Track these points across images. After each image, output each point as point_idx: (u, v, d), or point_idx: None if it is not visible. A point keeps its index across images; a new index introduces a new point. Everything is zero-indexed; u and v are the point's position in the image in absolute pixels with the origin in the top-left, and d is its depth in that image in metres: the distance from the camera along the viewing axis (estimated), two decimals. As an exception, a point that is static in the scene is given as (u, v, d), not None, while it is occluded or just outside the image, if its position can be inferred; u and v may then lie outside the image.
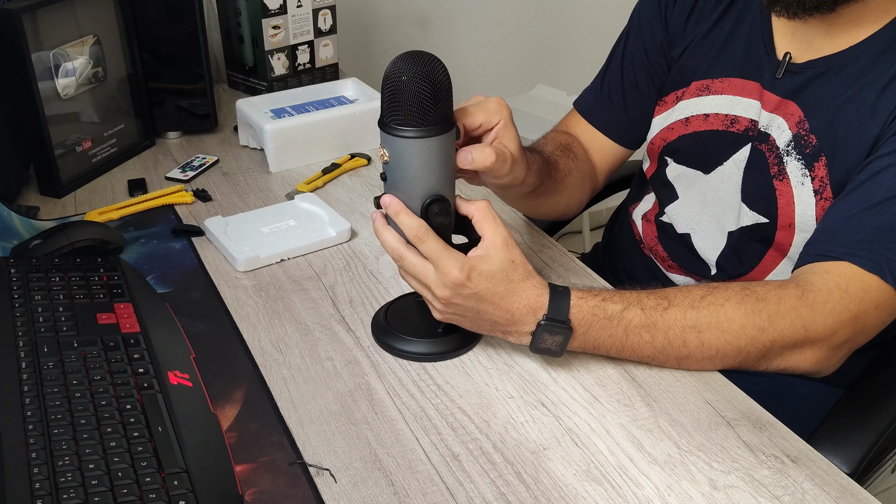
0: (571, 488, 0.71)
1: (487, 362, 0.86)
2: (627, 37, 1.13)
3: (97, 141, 1.24)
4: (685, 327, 0.81)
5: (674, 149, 1.07)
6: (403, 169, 0.78)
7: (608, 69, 1.15)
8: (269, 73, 1.47)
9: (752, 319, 0.81)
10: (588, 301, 0.80)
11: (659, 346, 0.81)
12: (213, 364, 0.84)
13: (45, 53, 1.12)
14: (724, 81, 1.01)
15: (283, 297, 0.96)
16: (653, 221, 1.14)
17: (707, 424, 0.78)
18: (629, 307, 0.80)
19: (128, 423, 0.72)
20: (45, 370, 0.76)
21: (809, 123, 0.93)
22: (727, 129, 1.01)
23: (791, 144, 0.95)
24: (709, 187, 1.04)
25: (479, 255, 0.78)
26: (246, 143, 1.33)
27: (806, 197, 0.94)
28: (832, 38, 0.92)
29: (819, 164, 0.92)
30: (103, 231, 1.03)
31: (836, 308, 0.82)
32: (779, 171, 0.96)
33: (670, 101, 1.08)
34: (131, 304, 0.89)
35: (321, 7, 1.49)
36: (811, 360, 0.84)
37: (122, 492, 0.64)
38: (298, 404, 0.80)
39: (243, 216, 1.10)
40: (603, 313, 0.80)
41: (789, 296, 0.82)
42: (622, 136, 1.14)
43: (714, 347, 0.82)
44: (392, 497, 0.70)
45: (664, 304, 0.81)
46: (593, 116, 1.14)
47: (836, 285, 0.83)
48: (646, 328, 0.80)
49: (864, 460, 0.87)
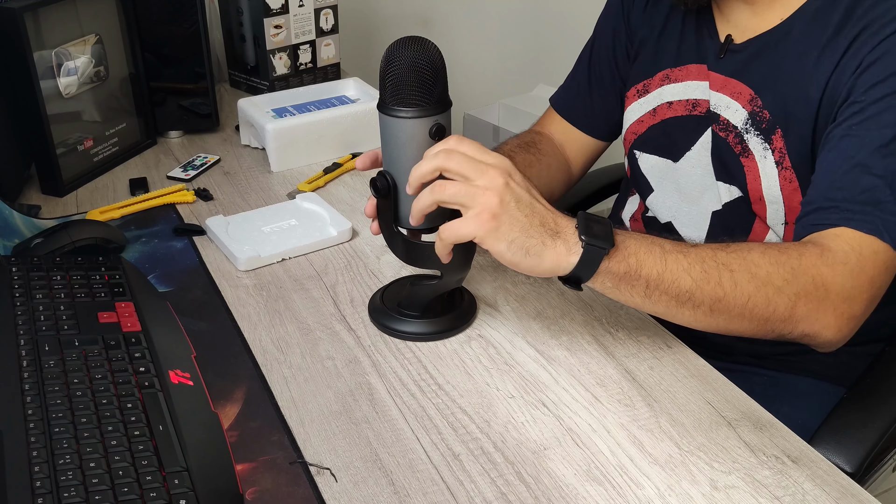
0: (572, 488, 0.71)
1: (488, 362, 0.86)
2: (595, 36, 1.20)
3: (99, 140, 1.24)
4: (718, 264, 0.77)
5: (643, 140, 1.12)
6: (408, 150, 0.80)
7: (578, 66, 1.22)
8: (270, 72, 1.47)
9: (776, 269, 0.78)
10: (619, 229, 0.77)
11: (696, 276, 0.76)
12: (213, 363, 0.84)
13: (47, 52, 1.12)
14: (683, 69, 1.06)
15: (284, 296, 0.96)
16: (640, 220, 1.17)
17: (708, 424, 0.78)
18: (660, 242, 0.77)
19: (128, 421, 0.72)
20: (46, 369, 0.76)
21: (762, 100, 0.97)
22: (689, 114, 1.05)
23: (748, 122, 0.98)
24: (681, 174, 1.08)
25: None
26: (247, 142, 1.33)
27: (769, 169, 0.97)
28: (762, 17, 0.97)
29: (776, 137, 0.96)
30: (104, 230, 1.03)
31: (856, 269, 0.80)
32: (742, 148, 0.99)
33: (632, 94, 1.13)
34: (132, 303, 0.89)
35: (323, 7, 1.49)
36: (832, 326, 0.80)
37: (123, 490, 0.64)
38: (299, 403, 0.80)
39: (244, 215, 1.10)
40: (639, 234, 0.77)
41: (809, 252, 0.80)
42: (592, 128, 1.21)
43: (746, 292, 0.77)
44: (392, 496, 0.70)
45: (690, 245, 0.79)
46: (565, 111, 1.22)
47: (851, 248, 0.81)
48: (682, 252, 0.77)
49: (866, 459, 0.87)
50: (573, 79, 1.22)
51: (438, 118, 0.80)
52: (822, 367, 1.07)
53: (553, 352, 0.87)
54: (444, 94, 0.81)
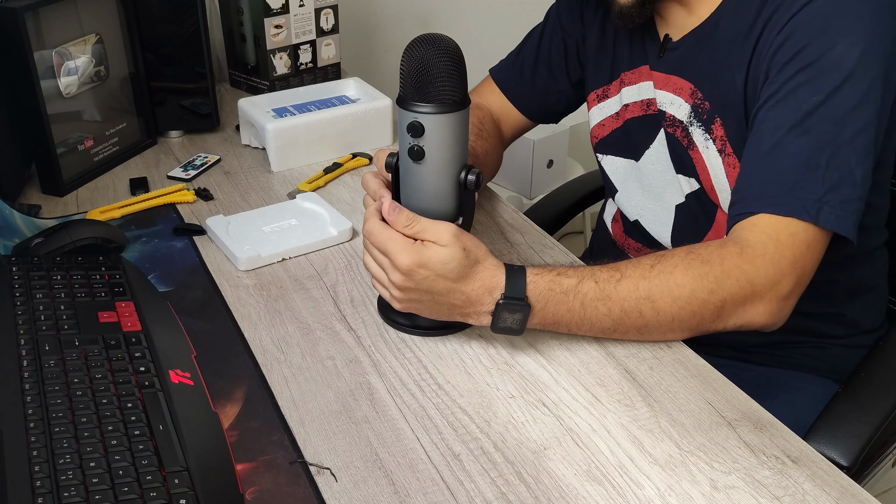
0: (572, 488, 0.71)
1: (488, 362, 0.86)
2: (546, 20, 1.21)
3: (99, 139, 1.24)
4: (639, 298, 0.82)
5: (606, 143, 1.14)
6: (443, 144, 0.81)
7: (525, 44, 1.23)
8: (271, 72, 1.47)
9: (700, 283, 0.82)
10: (543, 276, 0.81)
11: (616, 317, 0.83)
12: (214, 363, 0.84)
13: (48, 52, 1.12)
14: (635, 72, 1.08)
15: (284, 296, 0.96)
16: (619, 221, 1.20)
17: (708, 425, 0.78)
18: (583, 280, 0.82)
19: (129, 421, 0.72)
20: (46, 368, 0.76)
21: (701, 92, 0.99)
22: (644, 114, 1.07)
23: (691, 115, 1.00)
24: (643, 172, 1.10)
25: (429, 244, 0.80)
26: (248, 142, 1.33)
27: (713, 158, 0.99)
28: (693, 13, 0.99)
29: (716, 126, 0.98)
30: (105, 230, 1.03)
31: (774, 258, 0.84)
32: (689, 141, 1.01)
33: (593, 99, 1.15)
34: (133, 302, 0.89)
35: (323, 6, 1.49)
36: (763, 313, 0.85)
37: (123, 490, 0.65)
38: (299, 403, 0.80)
39: (245, 215, 1.10)
40: (559, 287, 0.81)
41: (730, 254, 0.84)
42: (527, 109, 1.23)
43: (669, 314, 0.83)
44: (392, 496, 0.70)
45: (617, 276, 0.83)
46: (505, 86, 1.23)
47: (768, 236, 0.84)
48: (601, 300, 0.82)
49: (862, 453, 0.88)
50: (518, 55, 1.23)
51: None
52: (810, 361, 1.08)
53: (553, 352, 0.87)
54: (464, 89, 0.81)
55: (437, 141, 0.81)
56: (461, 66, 0.80)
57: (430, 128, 0.80)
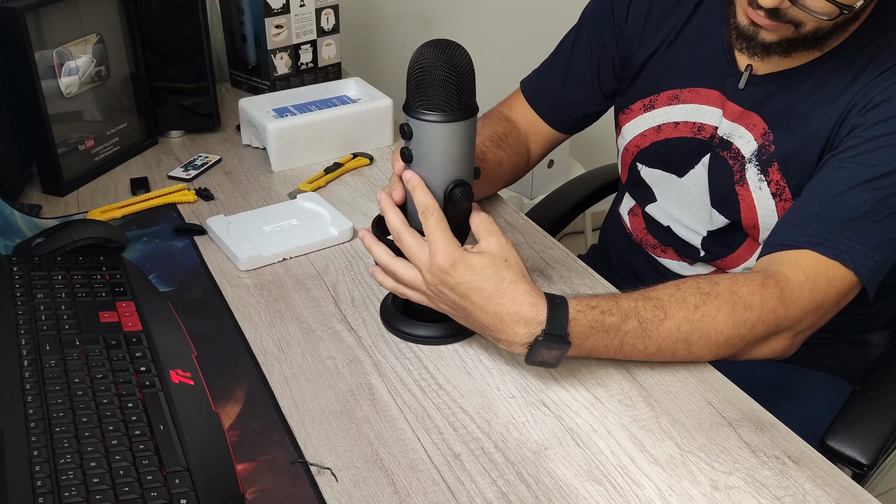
0: (572, 488, 0.71)
1: (489, 362, 0.86)
2: (578, 31, 1.17)
3: (100, 139, 1.24)
4: (678, 340, 0.82)
5: (646, 154, 1.12)
6: (429, 153, 0.80)
7: (555, 57, 1.19)
8: (271, 72, 1.47)
9: (737, 330, 0.83)
10: (586, 315, 0.79)
11: (650, 353, 0.83)
12: (214, 363, 0.84)
13: (48, 52, 1.12)
14: (692, 91, 1.05)
15: (284, 296, 0.96)
16: (639, 214, 1.18)
17: (708, 425, 0.78)
18: (627, 320, 0.80)
19: (129, 421, 0.72)
20: (46, 368, 0.76)
21: (773, 135, 0.98)
22: (694, 136, 1.05)
23: (755, 154, 0.99)
24: (683, 189, 1.09)
25: (471, 250, 0.79)
26: (248, 142, 1.33)
27: (765, 199, 0.99)
28: (790, 55, 0.95)
29: (772, 169, 0.98)
30: (105, 229, 1.03)
31: (806, 301, 0.85)
32: (741, 177, 1.01)
33: (637, 108, 1.12)
34: (133, 302, 0.89)
35: (324, 6, 1.49)
36: (776, 349, 0.87)
37: (124, 490, 0.65)
38: (300, 403, 0.80)
39: (245, 215, 1.10)
40: (601, 326, 0.79)
41: (770, 297, 0.84)
42: (558, 122, 1.20)
43: (698, 356, 0.85)
44: (393, 496, 0.70)
45: (661, 316, 0.81)
46: (535, 100, 1.20)
47: (806, 277, 0.85)
48: (640, 339, 0.81)
49: (882, 451, 0.90)
50: (549, 68, 1.20)
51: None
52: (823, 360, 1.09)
53: (554, 352, 0.87)
54: (468, 103, 0.79)
55: (423, 147, 0.80)
56: (462, 79, 0.78)
57: (417, 133, 0.79)
